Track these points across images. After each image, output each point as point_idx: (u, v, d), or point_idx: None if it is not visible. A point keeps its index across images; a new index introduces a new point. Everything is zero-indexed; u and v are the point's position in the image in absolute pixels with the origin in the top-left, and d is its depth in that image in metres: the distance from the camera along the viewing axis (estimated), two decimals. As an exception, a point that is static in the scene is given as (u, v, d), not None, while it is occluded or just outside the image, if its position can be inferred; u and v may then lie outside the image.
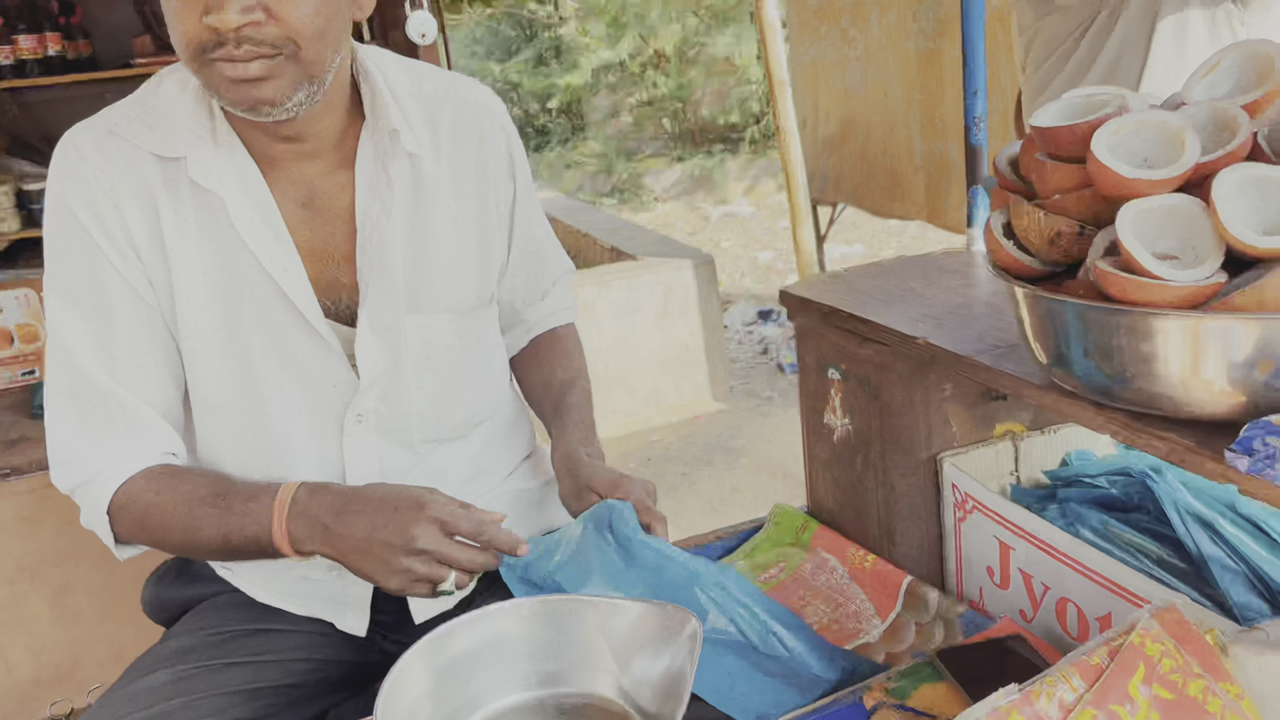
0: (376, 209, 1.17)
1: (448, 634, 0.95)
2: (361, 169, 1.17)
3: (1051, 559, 1.14)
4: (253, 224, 1.13)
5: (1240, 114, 0.89)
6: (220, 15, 0.97)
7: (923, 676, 1.09)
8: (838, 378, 1.40)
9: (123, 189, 1.10)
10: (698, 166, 9.77)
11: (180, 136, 1.10)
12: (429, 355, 1.23)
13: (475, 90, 1.29)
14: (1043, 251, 0.95)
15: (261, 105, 1.04)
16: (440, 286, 1.23)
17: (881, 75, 4.27)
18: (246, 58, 1.00)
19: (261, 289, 1.14)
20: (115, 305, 1.12)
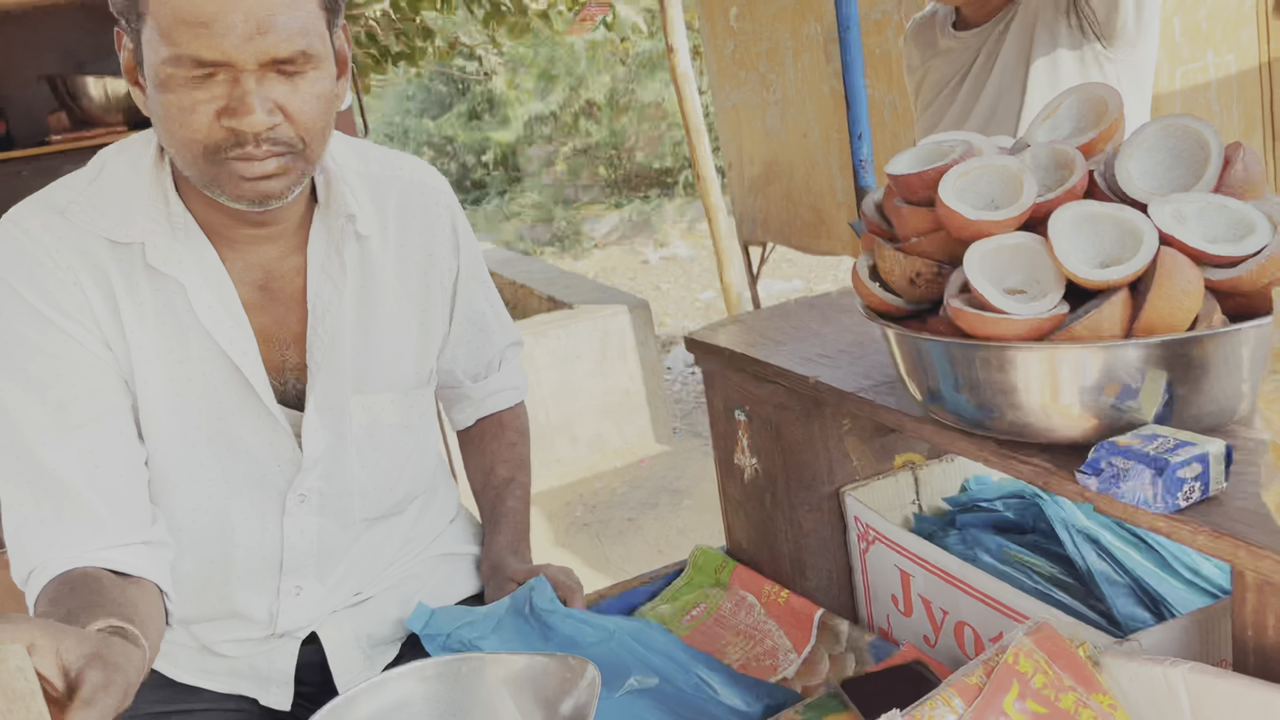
0: (329, 291, 1.18)
1: (349, 701, 0.96)
2: (314, 251, 1.18)
3: (948, 585, 1.18)
4: (211, 308, 1.13)
5: (1076, 154, 0.95)
6: (249, 119, 0.99)
7: (829, 708, 1.12)
8: (744, 419, 1.44)
9: (79, 266, 1.09)
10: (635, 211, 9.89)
11: (135, 221, 1.10)
12: (372, 434, 1.25)
13: (420, 170, 1.31)
14: (905, 291, 1.00)
15: (269, 199, 1.06)
16: (385, 366, 1.25)
17: (800, 117, 4.38)
18: (265, 156, 1.02)
19: (214, 371, 1.15)
20: (71, 377, 1.08)
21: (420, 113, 11.65)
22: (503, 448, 1.50)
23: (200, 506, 1.19)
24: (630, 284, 8.55)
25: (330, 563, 1.28)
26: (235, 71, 0.98)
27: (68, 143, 2.88)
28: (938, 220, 0.97)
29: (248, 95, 0.99)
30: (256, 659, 1.27)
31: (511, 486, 1.47)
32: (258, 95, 0.99)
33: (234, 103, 0.99)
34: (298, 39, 0.99)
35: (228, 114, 0.99)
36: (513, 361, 1.51)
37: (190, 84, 0.99)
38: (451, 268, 1.32)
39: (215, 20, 0.95)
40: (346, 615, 1.31)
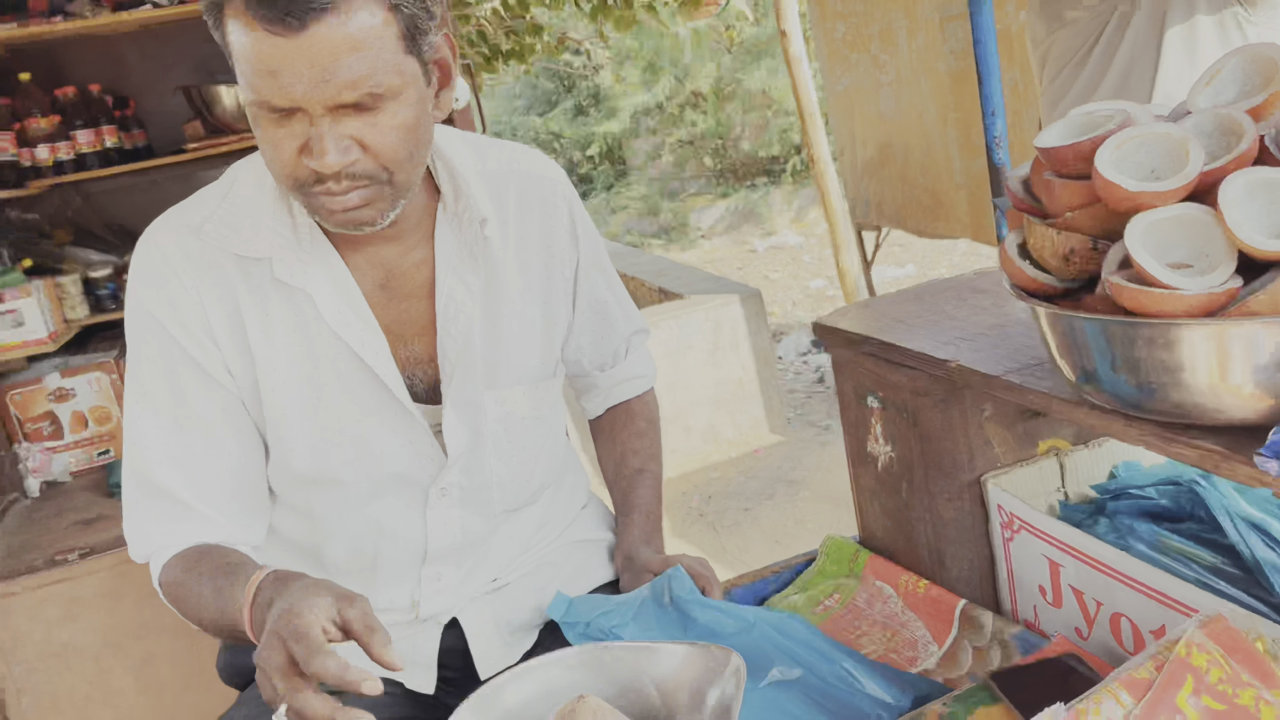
0: (461, 292, 1.20)
1: (497, 688, 0.97)
2: (442, 251, 1.20)
3: (1101, 574, 1.13)
4: (341, 313, 1.16)
5: (1245, 119, 0.90)
6: (322, 161, 1.00)
7: (978, 700, 1.09)
8: (877, 405, 1.41)
9: (205, 286, 1.14)
10: (742, 200, 9.82)
11: (263, 237, 1.14)
12: (507, 428, 1.27)
13: (537, 163, 1.32)
14: (1059, 269, 0.96)
15: (362, 226, 1.08)
16: (514, 360, 1.27)
17: (915, 97, 4.27)
18: (346, 191, 1.04)
19: (348, 375, 1.18)
20: (191, 399, 1.16)
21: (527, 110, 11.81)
22: (632, 437, 1.50)
23: (347, 505, 1.23)
24: (738, 274, 8.50)
25: (470, 552, 1.31)
26: (307, 114, 1.00)
27: (203, 150, 2.99)
28: (1093, 194, 0.92)
29: (321, 138, 1.00)
30: (400, 644, 1.30)
31: (643, 477, 1.47)
32: (331, 136, 1.00)
33: (311, 143, 1.01)
34: (364, 82, 0.99)
35: (306, 153, 1.02)
36: (639, 350, 1.52)
37: (272, 123, 1.02)
38: (571, 258, 1.33)
39: (282, 70, 0.97)
40: (486, 602, 1.33)
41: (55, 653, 2.37)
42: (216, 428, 1.17)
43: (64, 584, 2.35)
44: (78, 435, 2.92)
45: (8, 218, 3.06)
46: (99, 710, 2.41)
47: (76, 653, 2.39)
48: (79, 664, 2.39)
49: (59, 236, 3.17)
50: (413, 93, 1.04)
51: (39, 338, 2.70)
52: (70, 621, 2.37)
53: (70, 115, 2.94)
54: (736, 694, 0.91)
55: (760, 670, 1.14)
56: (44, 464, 2.85)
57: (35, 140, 2.86)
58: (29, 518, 2.63)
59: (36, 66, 2.95)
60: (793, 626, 1.21)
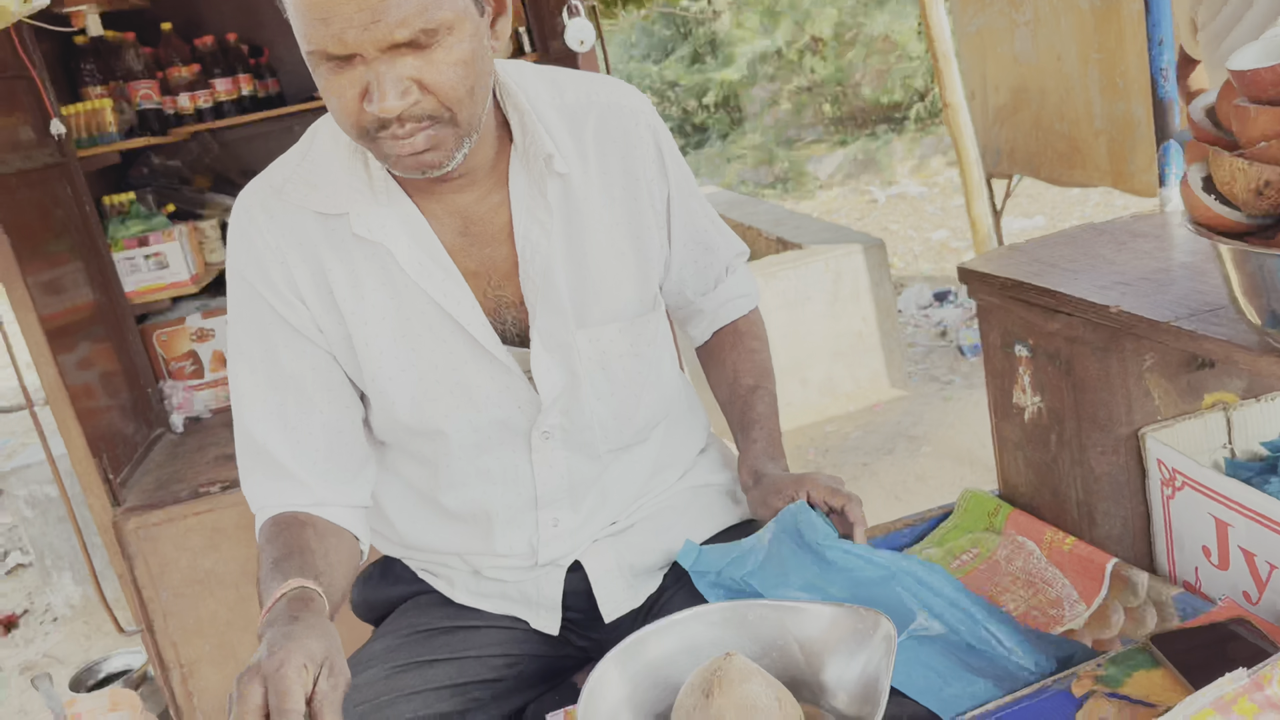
0: (536, 232, 1.19)
1: (640, 641, 0.97)
2: (516, 193, 1.19)
3: (1277, 535, 1.06)
4: (422, 264, 1.16)
5: None
6: (382, 104, 0.99)
7: (1136, 663, 1.03)
8: (1025, 354, 1.35)
9: (288, 246, 1.16)
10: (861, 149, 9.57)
11: (340, 193, 1.14)
12: (604, 366, 1.25)
13: (618, 92, 1.29)
14: (1249, 204, 0.89)
15: (430, 169, 1.07)
16: (604, 298, 1.25)
17: (1053, 38, 4.06)
18: (410, 134, 1.03)
19: (439, 324, 1.18)
20: (283, 358, 1.18)
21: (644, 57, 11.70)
22: (743, 355, 1.46)
23: (453, 454, 1.24)
24: (857, 225, 8.31)
25: (582, 494, 1.30)
26: (364, 59, 0.99)
27: (331, 97, 3.04)
28: (1294, 121, 0.84)
29: (380, 81, 0.99)
30: (525, 585, 1.31)
31: (759, 394, 1.42)
32: (389, 79, 0.99)
33: (370, 88, 1.00)
34: (415, 19, 0.97)
35: (366, 99, 1.00)
36: (740, 270, 1.47)
37: (330, 72, 1.00)
38: (662, 189, 1.29)
39: (333, 15, 0.95)
40: (608, 545, 1.33)
41: (199, 579, 2.49)
42: (309, 386, 1.19)
43: (207, 515, 2.46)
44: (217, 374, 3.04)
45: (151, 164, 3.17)
46: (238, 635, 2.53)
47: (218, 580, 2.50)
48: (220, 591, 2.51)
49: (199, 182, 3.28)
50: (467, 26, 1.02)
51: (181, 280, 2.81)
52: (213, 550, 2.48)
53: (209, 64, 3.02)
54: (887, 660, 0.88)
55: (900, 620, 1.10)
56: (187, 401, 2.98)
57: (177, 89, 2.95)
58: (174, 452, 2.75)
59: (176, 16, 3.03)
60: (935, 579, 1.17)
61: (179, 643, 2.52)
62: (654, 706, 0.96)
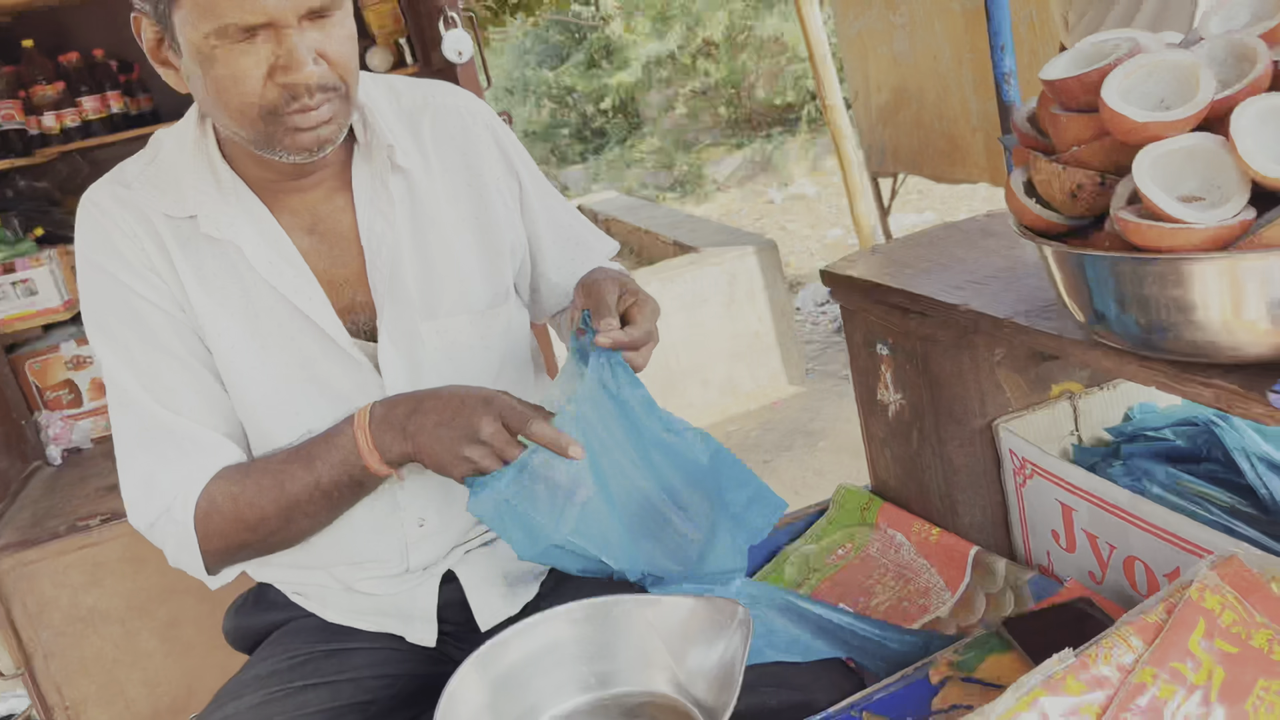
0: (380, 224, 1.20)
1: (502, 644, 0.97)
2: (359, 188, 1.21)
3: (1115, 518, 1.11)
4: (272, 262, 1.17)
5: (1258, 44, 0.86)
6: (301, 71, 1.01)
7: (990, 647, 1.08)
8: (886, 353, 1.39)
9: (143, 234, 1.15)
10: (757, 151, 9.71)
11: (188, 195, 1.14)
12: (451, 357, 1.26)
13: (451, 94, 1.31)
14: (1066, 206, 0.93)
15: (325, 145, 1.08)
16: (451, 290, 1.26)
17: (929, 39, 4.18)
18: (318, 104, 1.05)
19: (288, 322, 1.18)
20: (159, 335, 1.16)
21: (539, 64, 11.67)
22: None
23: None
24: (755, 225, 8.42)
25: (443, 490, 1.28)
26: (277, 29, 1.00)
27: (207, 113, 2.97)
28: (1100, 127, 0.89)
29: (296, 50, 1.01)
30: (399, 597, 1.30)
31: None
32: (303, 47, 1.01)
33: (283, 60, 1.01)
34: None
35: (280, 71, 1.01)
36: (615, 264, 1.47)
37: (236, 51, 1.00)
38: (512, 186, 1.32)
39: None
40: (480, 554, 1.32)
41: (81, 617, 2.41)
42: (189, 359, 1.18)
43: (87, 549, 2.37)
44: (97, 402, 2.94)
45: (17, 187, 3.05)
46: (126, 672, 2.45)
47: (102, 617, 2.42)
48: (105, 628, 2.42)
49: (69, 204, 3.17)
50: (349, 4, 1.07)
51: (53, 306, 2.71)
52: (95, 586, 2.40)
53: (75, 81, 2.92)
54: (743, 646, 0.90)
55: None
56: (64, 432, 2.87)
57: (41, 108, 2.84)
58: (52, 485, 2.65)
59: (39, 33, 2.92)
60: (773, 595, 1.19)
61: (63, 684, 2.43)
62: (517, 710, 0.97)
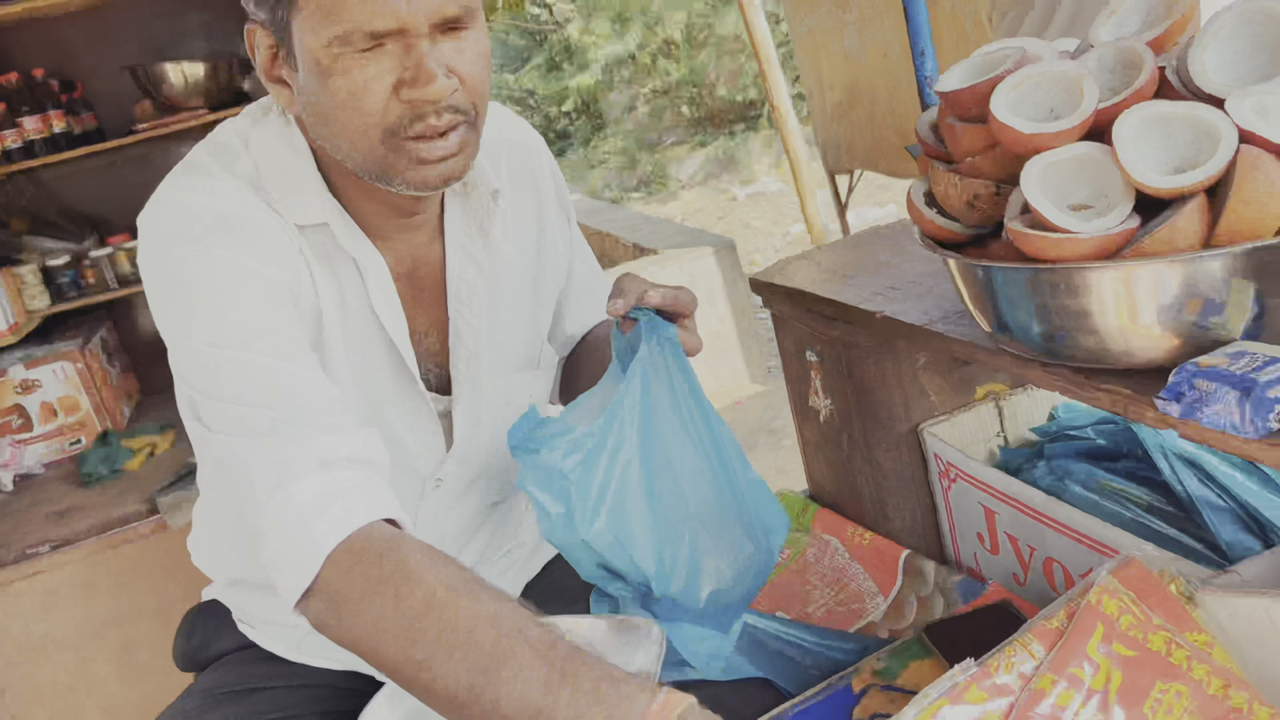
0: (473, 272, 1.11)
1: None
2: (453, 231, 1.10)
3: (1033, 520, 1.12)
4: (385, 292, 1.07)
5: (1145, 51, 0.87)
6: (431, 87, 0.90)
7: (911, 654, 1.08)
8: (815, 359, 1.39)
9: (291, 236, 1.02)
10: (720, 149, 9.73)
11: (314, 203, 1.02)
12: (506, 418, 1.15)
13: (520, 129, 1.23)
14: (964, 216, 0.94)
15: (450, 181, 0.97)
16: (513, 345, 1.19)
17: (879, 36, 4.20)
18: (446, 129, 0.94)
19: (374, 358, 1.09)
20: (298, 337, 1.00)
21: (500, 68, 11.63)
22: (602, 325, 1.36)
23: None
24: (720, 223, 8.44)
25: (451, 546, 1.25)
26: (407, 38, 0.90)
27: (153, 130, 2.94)
28: (993, 137, 0.90)
29: (424, 60, 0.90)
30: None
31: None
32: (433, 59, 0.91)
33: (410, 72, 0.91)
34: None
35: (406, 85, 0.91)
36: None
37: (359, 61, 0.90)
38: (566, 235, 1.24)
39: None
40: None
41: (34, 645, 2.38)
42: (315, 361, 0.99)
43: (37, 577, 2.35)
44: (47, 426, 2.90)
45: (-41, 211, 3.02)
46: (83, 699, 2.42)
47: (56, 644, 2.39)
48: (59, 655, 2.40)
49: (14, 226, 3.13)
50: (481, 18, 0.96)
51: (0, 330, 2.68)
52: (46, 614, 2.37)
53: (15, 102, 2.89)
54: (656, 664, 0.91)
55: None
56: (15, 457, 2.83)
57: (-21, 130, 2.81)
58: (2, 512, 2.62)
59: (-25, 55, 2.89)
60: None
61: (18, 714, 2.40)
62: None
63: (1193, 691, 0.80)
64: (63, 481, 2.77)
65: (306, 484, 0.90)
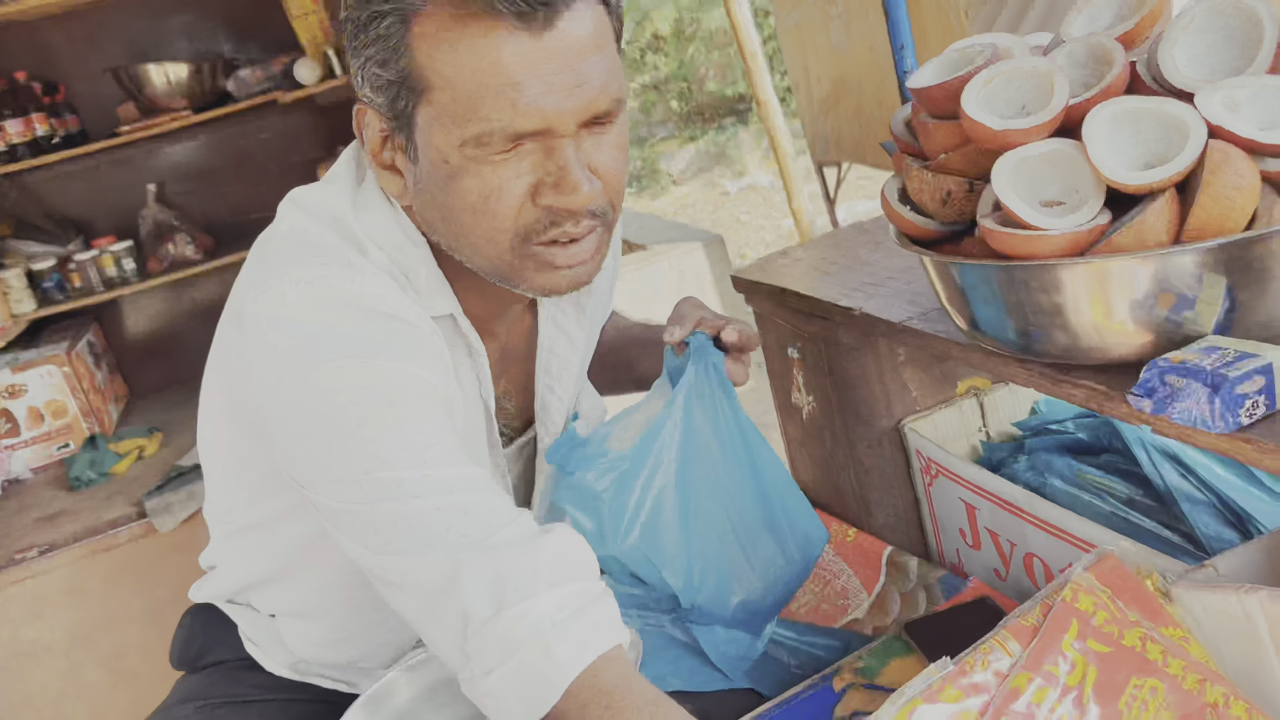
0: (564, 346, 1.07)
1: (388, 687, 0.96)
2: (546, 303, 1.05)
3: (1013, 516, 1.12)
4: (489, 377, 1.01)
5: (1115, 46, 0.87)
6: (576, 196, 0.82)
7: (892, 652, 1.08)
8: (797, 356, 1.39)
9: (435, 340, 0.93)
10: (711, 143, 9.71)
11: (440, 294, 0.94)
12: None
13: None
14: (937, 213, 0.94)
15: (579, 286, 0.90)
16: (565, 406, 1.13)
17: (864, 29, 4.20)
18: (584, 234, 0.86)
19: (474, 437, 1.03)
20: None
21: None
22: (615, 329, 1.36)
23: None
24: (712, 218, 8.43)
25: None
26: (550, 139, 0.82)
27: (136, 132, 2.94)
28: (965, 134, 0.90)
29: (571, 166, 0.82)
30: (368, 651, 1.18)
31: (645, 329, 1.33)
32: (578, 162, 0.83)
33: (553, 177, 0.83)
34: (613, 86, 0.82)
35: (548, 191, 0.83)
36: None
37: (495, 163, 0.82)
38: (608, 305, 1.21)
39: (529, 79, 0.78)
40: None
41: (24, 651, 2.37)
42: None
43: (26, 582, 2.34)
44: (35, 431, 2.89)
45: (-58, 216, 3.00)
46: (73, 705, 2.42)
47: (45, 650, 2.39)
48: (49, 661, 2.39)
49: (-1, 230, 3.12)
50: (626, 103, 0.88)
51: (-17, 336, 2.67)
52: (36, 619, 2.37)
53: (-3, 106, 2.88)
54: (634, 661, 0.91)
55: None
56: (2, 463, 2.83)
57: (-39, 135, 2.80)
58: (-10, 518, 2.61)
59: (-44, 58, 2.88)
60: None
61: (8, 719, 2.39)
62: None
63: (1168, 686, 0.80)
64: (50, 486, 2.77)
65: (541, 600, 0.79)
